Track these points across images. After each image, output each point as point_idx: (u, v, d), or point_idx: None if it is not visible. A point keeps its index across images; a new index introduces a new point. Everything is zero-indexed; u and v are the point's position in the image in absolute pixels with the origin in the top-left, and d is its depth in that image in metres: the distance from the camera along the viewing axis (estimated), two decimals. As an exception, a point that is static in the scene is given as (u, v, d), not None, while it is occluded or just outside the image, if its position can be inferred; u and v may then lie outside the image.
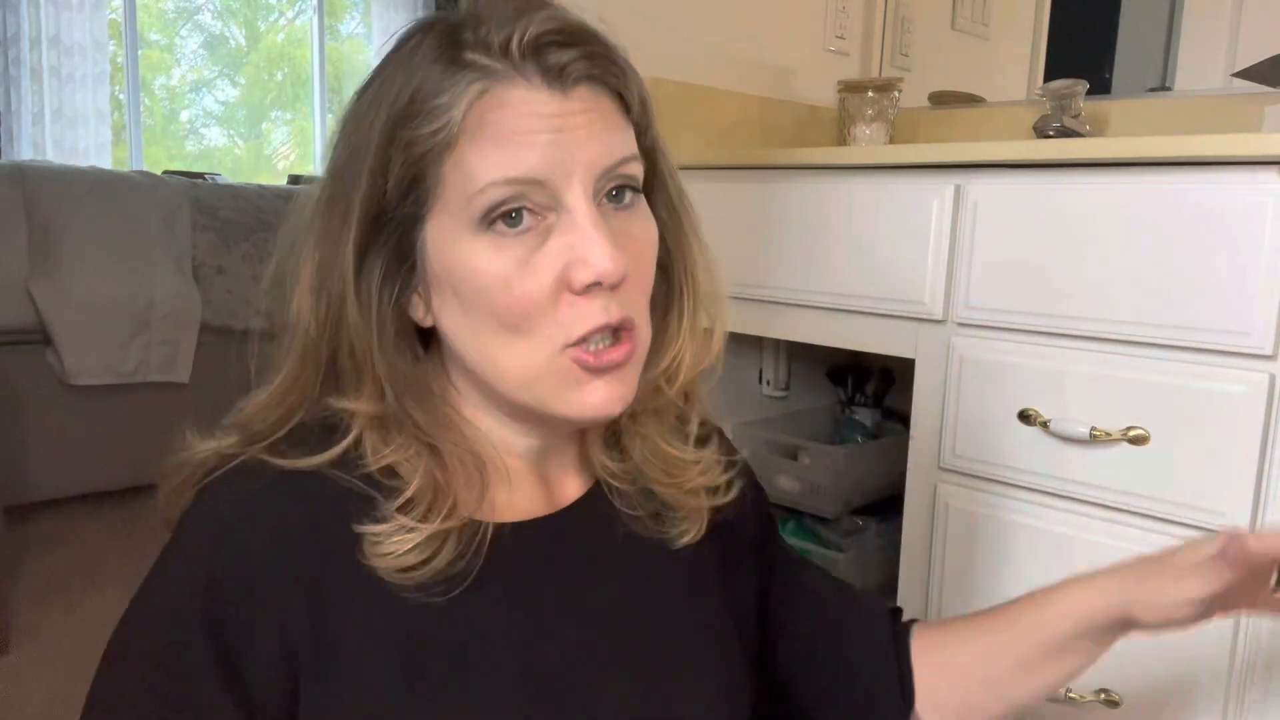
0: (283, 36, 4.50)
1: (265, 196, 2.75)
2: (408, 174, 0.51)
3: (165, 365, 2.46)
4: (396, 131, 0.51)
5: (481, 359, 0.54)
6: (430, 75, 0.51)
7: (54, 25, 3.45)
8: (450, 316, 0.54)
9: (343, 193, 0.53)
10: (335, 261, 0.53)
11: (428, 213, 0.52)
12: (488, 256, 0.51)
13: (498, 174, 0.49)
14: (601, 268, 0.50)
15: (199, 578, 0.51)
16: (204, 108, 4.29)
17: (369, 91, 0.54)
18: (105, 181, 2.49)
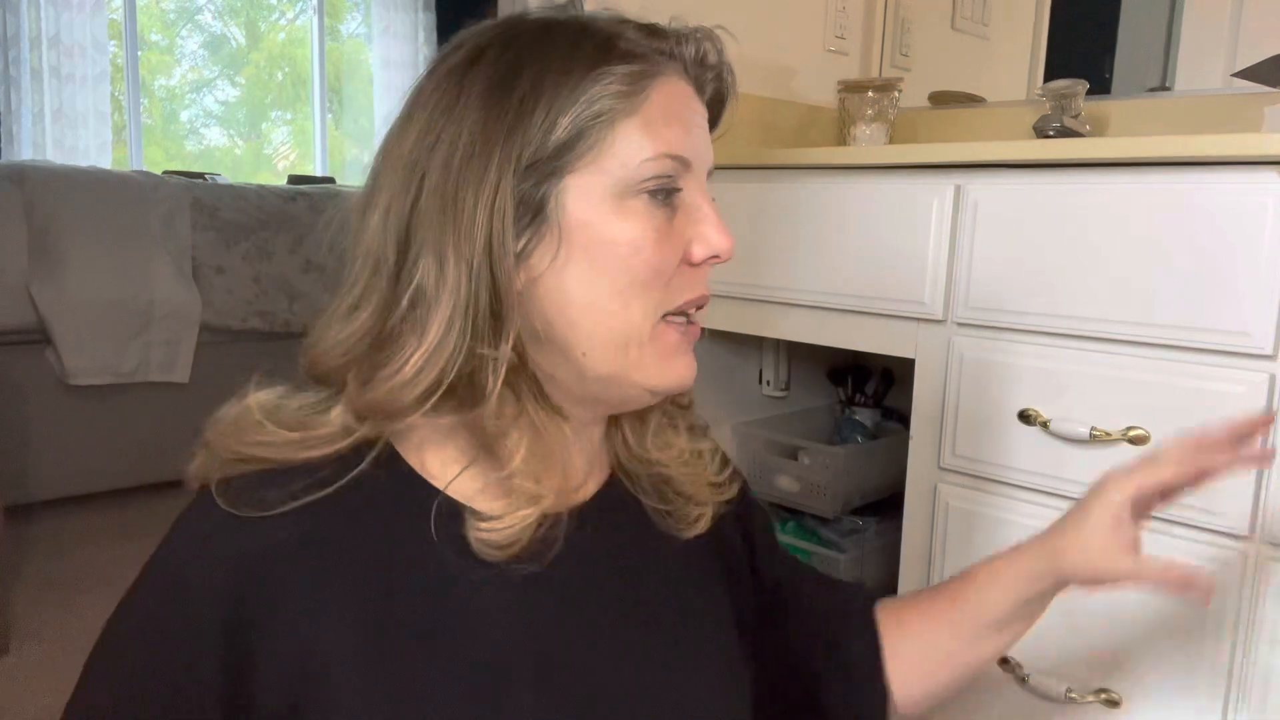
0: (283, 36, 4.50)
1: (265, 196, 2.76)
2: (575, 129, 0.53)
3: (165, 365, 2.46)
4: (598, 67, 0.53)
5: (585, 320, 0.54)
6: (626, 34, 0.55)
7: (54, 25, 3.45)
8: (572, 273, 0.54)
9: (488, 135, 0.52)
10: (493, 200, 0.52)
11: (573, 170, 0.53)
12: (633, 222, 0.54)
13: (665, 149, 0.54)
14: (722, 244, 0.56)
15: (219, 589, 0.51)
16: (204, 108, 4.29)
17: (565, 27, 0.56)
18: (105, 181, 2.49)
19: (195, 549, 0.52)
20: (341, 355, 0.55)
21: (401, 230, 0.53)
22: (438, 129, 0.53)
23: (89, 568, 2.07)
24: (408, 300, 0.52)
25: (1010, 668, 1.12)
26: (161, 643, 0.52)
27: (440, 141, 0.53)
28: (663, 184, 0.54)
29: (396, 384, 0.52)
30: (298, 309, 2.73)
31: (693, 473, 0.65)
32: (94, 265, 2.36)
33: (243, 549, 0.51)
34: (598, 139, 0.53)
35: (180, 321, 2.48)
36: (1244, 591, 0.95)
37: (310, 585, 0.51)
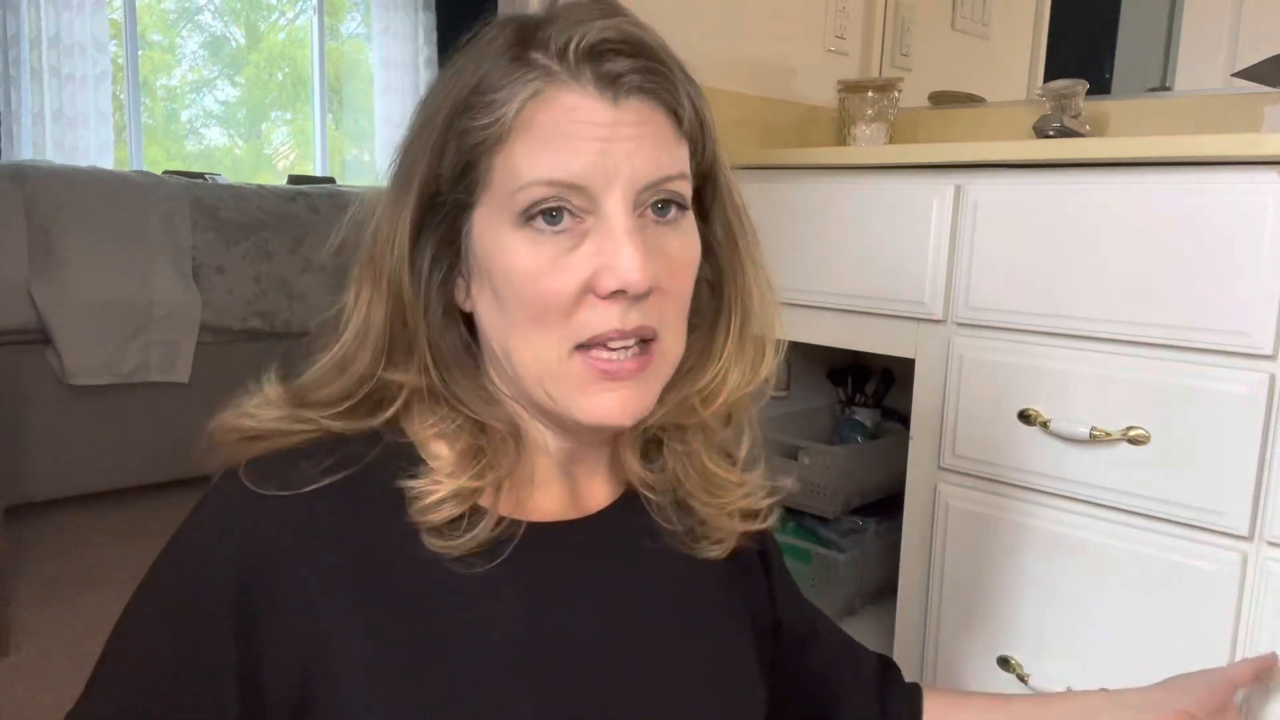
0: (283, 36, 4.50)
1: (265, 196, 2.76)
2: (461, 161, 0.53)
3: (165, 365, 2.46)
4: (455, 119, 0.53)
5: (505, 350, 0.55)
6: (495, 68, 0.53)
7: (54, 25, 3.45)
8: (484, 304, 0.55)
9: (406, 170, 0.55)
10: (394, 233, 0.55)
11: (476, 201, 0.54)
12: (524, 250, 0.52)
13: (541, 174, 0.51)
14: (628, 277, 0.51)
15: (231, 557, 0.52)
16: (204, 108, 4.29)
17: (445, 75, 0.56)
18: (105, 181, 2.49)
19: (214, 524, 0.54)
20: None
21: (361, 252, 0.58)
22: (409, 130, 0.57)
23: (89, 568, 2.07)
24: (342, 322, 0.57)
25: (1011, 667, 1.12)
26: (180, 613, 0.52)
27: (404, 140, 0.57)
28: (548, 208, 0.51)
29: (311, 377, 0.57)
30: (298, 309, 2.73)
31: (715, 502, 0.63)
32: (94, 265, 2.35)
33: (262, 525, 0.52)
34: (485, 169, 0.53)
35: (180, 321, 2.48)
36: (1244, 591, 0.95)
37: (320, 570, 0.51)
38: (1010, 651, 1.13)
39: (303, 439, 0.55)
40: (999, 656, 1.13)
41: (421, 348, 0.56)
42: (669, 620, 0.62)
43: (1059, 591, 1.07)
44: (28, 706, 1.51)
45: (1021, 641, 1.12)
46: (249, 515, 0.52)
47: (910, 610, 1.23)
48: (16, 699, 1.54)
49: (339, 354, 0.56)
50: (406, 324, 0.55)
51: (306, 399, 0.56)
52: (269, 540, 0.51)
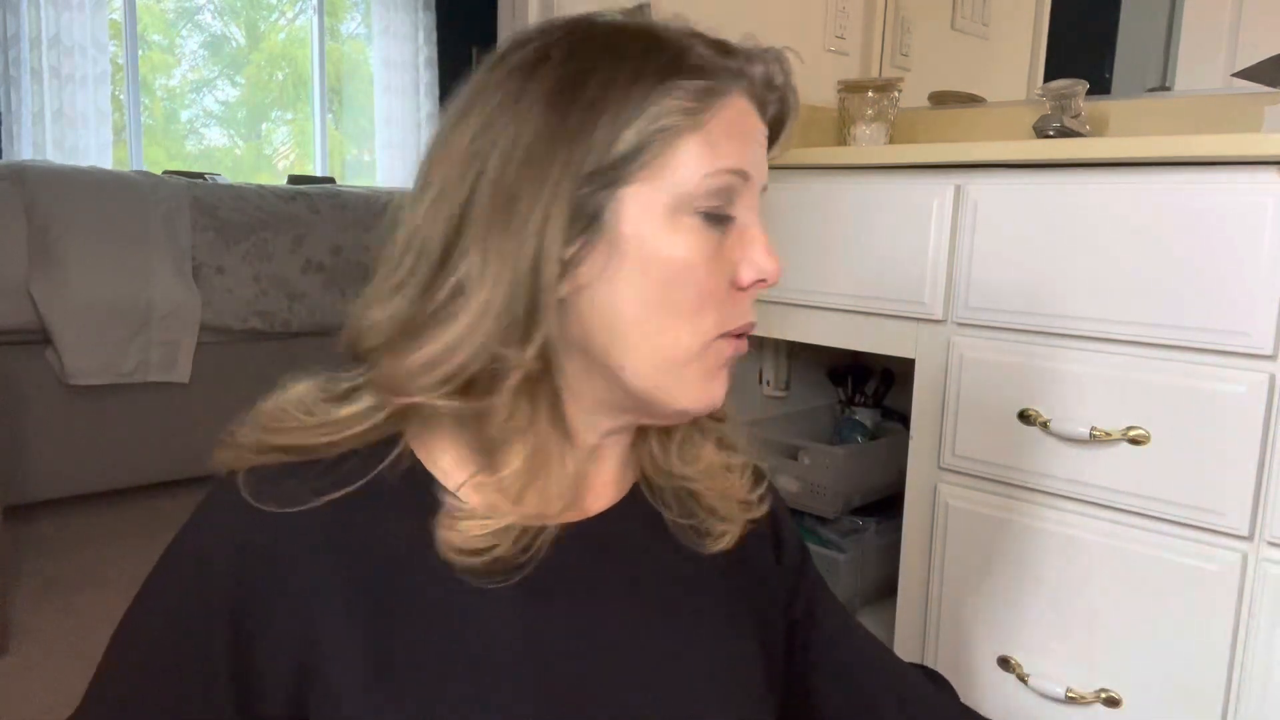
0: (283, 36, 4.50)
1: (265, 196, 2.75)
2: (640, 138, 0.51)
3: (165, 365, 2.46)
4: (666, 80, 0.52)
5: (629, 335, 0.53)
6: (696, 48, 0.54)
7: (54, 25, 3.45)
8: (615, 286, 0.53)
9: (564, 140, 0.51)
10: (545, 202, 0.51)
11: (633, 180, 0.52)
12: (689, 239, 0.53)
13: (733, 163, 0.53)
14: (770, 268, 0.55)
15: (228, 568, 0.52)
16: (204, 108, 4.28)
17: (636, 35, 0.54)
18: (105, 181, 2.49)
19: (212, 533, 0.54)
20: (379, 335, 0.54)
21: (452, 222, 0.52)
22: (498, 126, 0.52)
23: (89, 568, 2.07)
24: (448, 291, 0.51)
25: (1011, 667, 1.12)
26: (176, 623, 0.53)
27: (500, 139, 0.52)
28: (718, 203, 0.53)
29: (414, 365, 0.52)
30: (298, 309, 2.73)
31: (719, 487, 0.63)
32: (94, 265, 2.35)
33: (255, 539, 0.52)
34: (659, 152, 0.52)
35: (180, 321, 2.48)
36: (1244, 591, 0.95)
37: (315, 583, 0.51)
38: (1010, 651, 1.13)
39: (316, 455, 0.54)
40: (999, 656, 1.13)
41: (541, 332, 0.52)
42: (674, 624, 0.61)
43: (1059, 592, 1.07)
44: (28, 706, 1.51)
45: (1021, 641, 1.12)
46: (246, 526, 0.52)
47: (910, 610, 1.23)
48: (16, 699, 1.54)
49: (454, 336, 0.52)
50: (537, 307, 0.52)
51: (395, 383, 0.53)
52: (266, 552, 0.51)
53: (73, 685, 0.53)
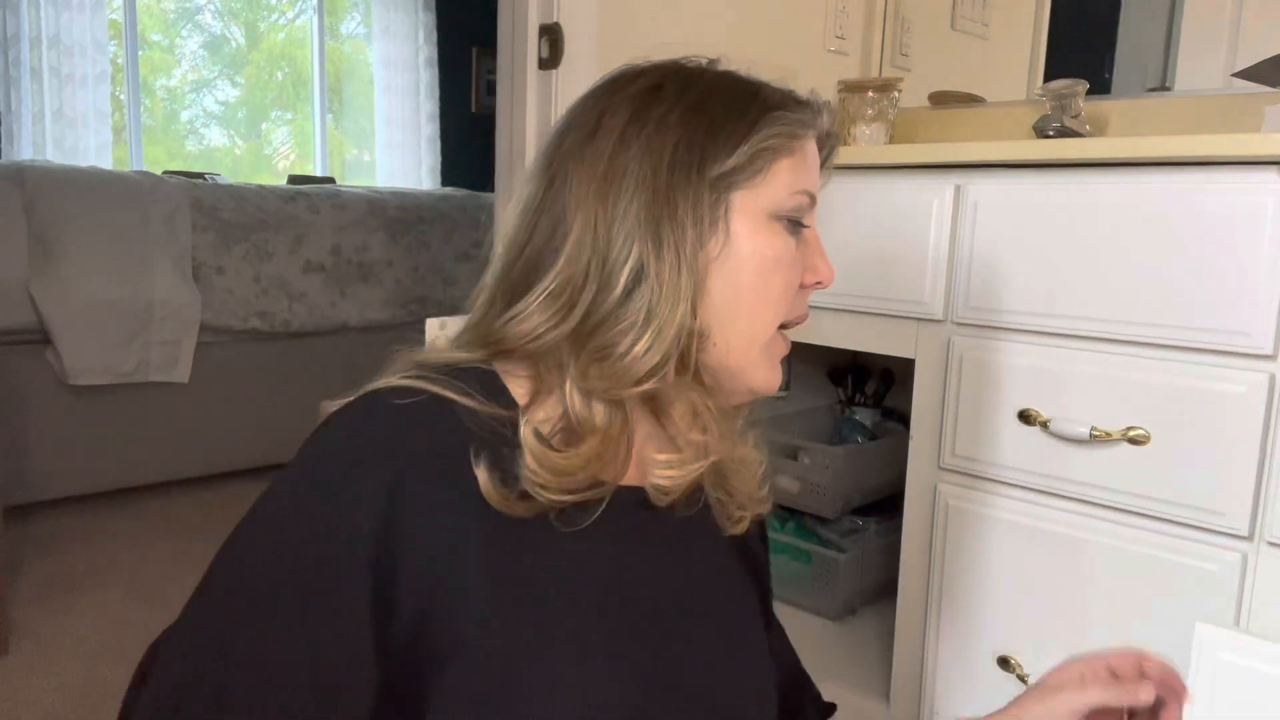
0: (283, 36, 4.49)
1: (265, 196, 2.76)
2: (754, 151, 0.63)
3: (165, 365, 2.46)
4: (770, 112, 0.64)
5: (727, 314, 0.63)
6: (789, 99, 0.66)
7: (54, 25, 3.45)
8: (723, 271, 0.63)
9: (698, 151, 0.62)
10: (696, 208, 0.61)
11: (742, 187, 0.63)
12: (779, 240, 0.65)
13: (809, 186, 0.67)
14: (828, 275, 0.69)
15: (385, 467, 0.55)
16: (204, 108, 4.28)
17: (735, 79, 0.66)
18: (105, 181, 2.49)
19: (367, 441, 0.56)
20: (551, 333, 0.61)
21: (609, 225, 0.60)
22: (638, 140, 0.62)
23: (89, 568, 2.07)
24: (623, 286, 0.60)
25: (1011, 667, 1.12)
26: (327, 500, 0.55)
27: (645, 151, 0.61)
28: (799, 214, 0.65)
29: (629, 361, 0.59)
30: (298, 309, 2.73)
31: (742, 472, 0.71)
32: (94, 265, 2.35)
33: (408, 454, 0.56)
34: (763, 167, 0.63)
35: (180, 321, 2.48)
36: (1244, 591, 0.95)
37: (455, 501, 0.56)
38: (1010, 651, 1.13)
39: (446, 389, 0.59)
40: (999, 656, 1.13)
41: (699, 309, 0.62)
42: (714, 584, 0.70)
43: (1059, 591, 1.07)
44: (28, 706, 1.51)
45: (1021, 641, 1.12)
46: (399, 442, 0.56)
47: (910, 610, 1.23)
48: (16, 699, 1.54)
49: (655, 327, 0.60)
50: (699, 287, 0.61)
51: (615, 381, 0.60)
52: (418, 468, 0.55)
53: (73, 685, 0.53)
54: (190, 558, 2.13)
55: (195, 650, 0.55)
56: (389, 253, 2.94)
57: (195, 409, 2.54)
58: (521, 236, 0.65)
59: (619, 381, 0.60)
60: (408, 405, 0.57)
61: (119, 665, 1.62)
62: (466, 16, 4.53)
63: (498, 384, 0.62)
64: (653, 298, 0.60)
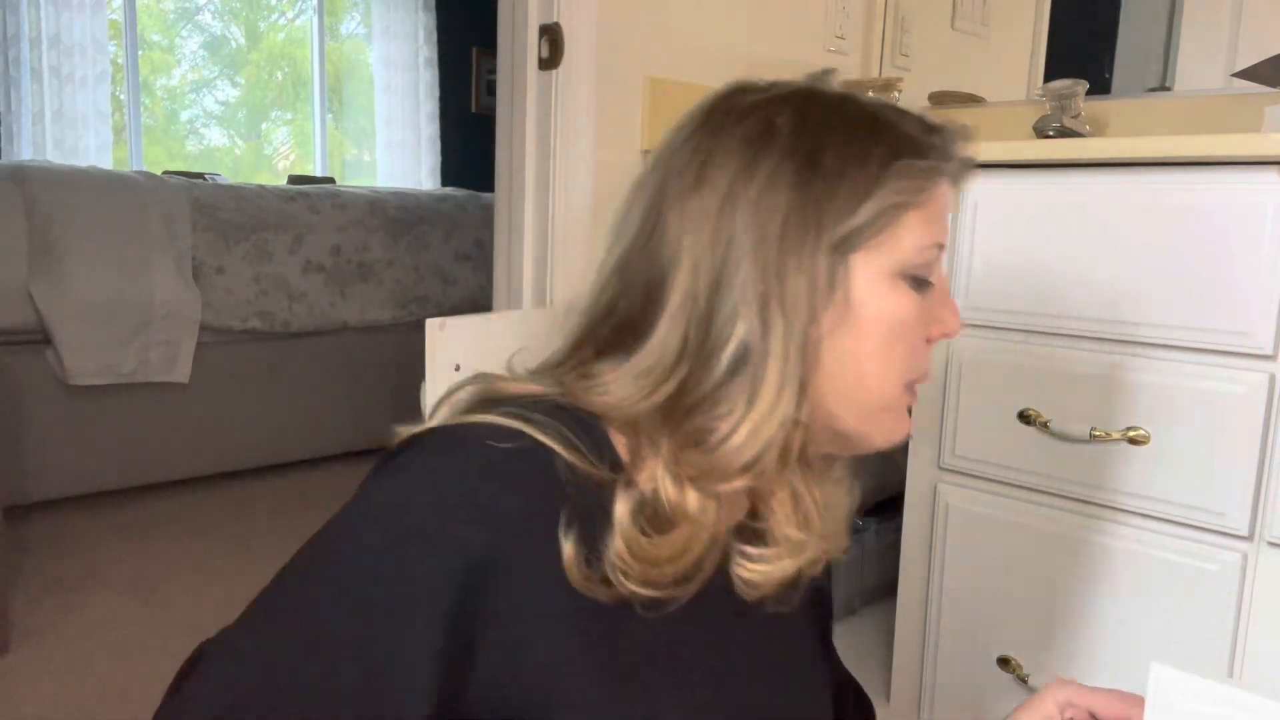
0: (283, 36, 4.49)
1: (265, 196, 2.75)
2: (885, 206, 0.56)
3: (165, 365, 2.46)
4: (896, 160, 0.57)
5: (846, 383, 0.58)
6: (909, 127, 0.59)
7: (54, 25, 3.45)
8: (839, 339, 0.57)
9: (812, 211, 0.56)
10: (810, 276, 0.55)
11: (863, 248, 0.57)
12: (904, 301, 0.58)
13: (937, 239, 0.59)
14: (955, 327, 0.62)
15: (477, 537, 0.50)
16: (204, 108, 4.28)
17: (857, 112, 0.59)
18: (105, 181, 2.49)
19: (465, 483, 0.51)
20: (641, 404, 0.56)
21: (711, 297, 0.55)
22: (747, 199, 0.56)
23: (89, 568, 2.07)
24: (728, 362, 0.54)
25: (1011, 667, 1.12)
26: (410, 554, 0.50)
27: (754, 213, 0.55)
28: (926, 271, 0.59)
29: (726, 453, 0.54)
30: (298, 309, 2.73)
31: (828, 518, 0.67)
32: (94, 265, 2.35)
33: (506, 501, 0.51)
34: (887, 224, 0.57)
35: (180, 321, 2.48)
36: (1244, 591, 0.95)
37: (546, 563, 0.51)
38: (1010, 651, 1.13)
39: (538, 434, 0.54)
40: (999, 656, 1.13)
41: (810, 389, 0.56)
42: (796, 655, 0.68)
43: (1059, 591, 1.07)
44: (28, 706, 1.51)
45: (1021, 641, 1.12)
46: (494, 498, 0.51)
47: (910, 610, 1.23)
48: (16, 699, 1.54)
49: (761, 413, 0.54)
50: (810, 366, 0.56)
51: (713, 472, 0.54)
52: (514, 516, 0.51)
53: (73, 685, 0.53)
54: (190, 558, 2.13)
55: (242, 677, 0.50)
56: (389, 253, 2.94)
57: (195, 409, 2.54)
58: (612, 289, 0.59)
59: (713, 474, 0.54)
60: (507, 454, 0.52)
61: (119, 665, 1.62)
62: (466, 16, 4.53)
63: (603, 436, 0.56)
64: (756, 383, 0.54)
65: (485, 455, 0.52)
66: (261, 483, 2.69)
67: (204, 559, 2.11)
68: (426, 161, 4.60)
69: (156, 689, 0.53)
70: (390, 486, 0.53)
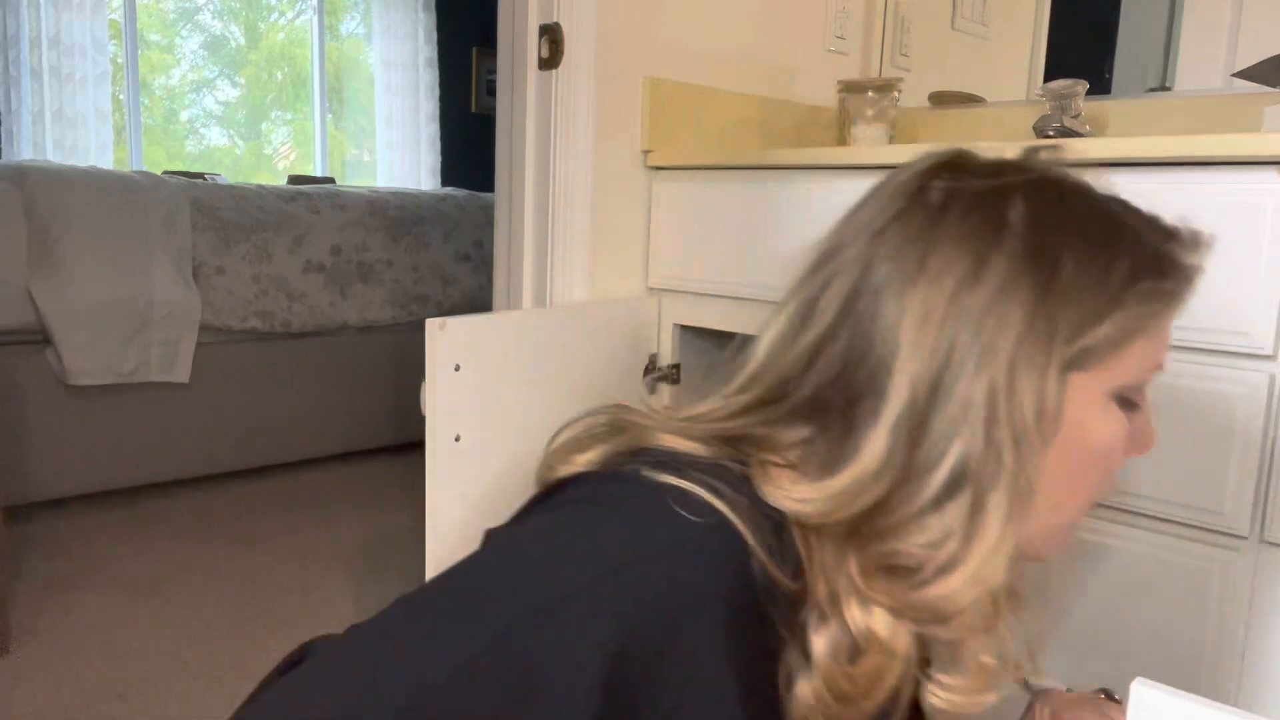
0: (283, 36, 4.49)
1: (265, 196, 2.75)
2: (1113, 336, 0.52)
3: (165, 365, 2.46)
4: (1139, 281, 0.52)
5: (1044, 503, 0.53)
6: (1152, 238, 0.54)
7: (54, 25, 3.45)
8: (1045, 459, 0.53)
9: (1045, 325, 0.51)
10: (1040, 394, 0.50)
11: (1086, 369, 0.52)
12: (1115, 426, 0.54)
13: (1161, 359, 0.55)
14: (1154, 441, 0.58)
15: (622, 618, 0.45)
16: (204, 108, 4.28)
17: (1092, 212, 0.54)
18: (105, 181, 2.49)
19: (653, 554, 0.47)
20: (836, 516, 0.50)
21: (927, 408, 0.49)
22: (973, 300, 0.50)
23: (89, 568, 2.07)
24: (941, 485, 0.49)
25: (1010, 668, 1.12)
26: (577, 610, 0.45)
27: (981, 316, 0.50)
28: (1141, 391, 0.55)
29: (943, 594, 0.49)
30: (298, 309, 2.73)
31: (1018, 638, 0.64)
32: (94, 265, 2.35)
33: (694, 580, 0.47)
34: (1118, 346, 0.52)
35: (180, 321, 2.48)
36: (1244, 592, 0.95)
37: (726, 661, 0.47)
38: (1010, 651, 1.12)
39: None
40: (999, 656, 1.13)
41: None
42: None
43: (1056, 591, 1.07)
44: (28, 706, 1.51)
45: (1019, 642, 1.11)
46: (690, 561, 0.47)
47: (910, 610, 1.23)
48: (16, 699, 1.54)
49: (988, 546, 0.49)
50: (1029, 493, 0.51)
51: (935, 612, 0.50)
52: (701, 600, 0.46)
53: (73, 685, 0.52)
54: (190, 557, 2.13)
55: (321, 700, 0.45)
56: (389, 253, 2.94)
57: (195, 409, 2.54)
58: (801, 366, 0.53)
59: (913, 611, 0.49)
60: (697, 530, 0.47)
61: (119, 665, 1.62)
62: (466, 16, 4.53)
63: (790, 542, 0.50)
64: (976, 516, 0.48)
65: (673, 523, 0.47)
66: (261, 483, 2.69)
67: (204, 559, 2.11)
68: (426, 161, 4.60)
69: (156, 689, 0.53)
70: (558, 532, 0.48)
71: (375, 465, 2.88)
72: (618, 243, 1.42)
